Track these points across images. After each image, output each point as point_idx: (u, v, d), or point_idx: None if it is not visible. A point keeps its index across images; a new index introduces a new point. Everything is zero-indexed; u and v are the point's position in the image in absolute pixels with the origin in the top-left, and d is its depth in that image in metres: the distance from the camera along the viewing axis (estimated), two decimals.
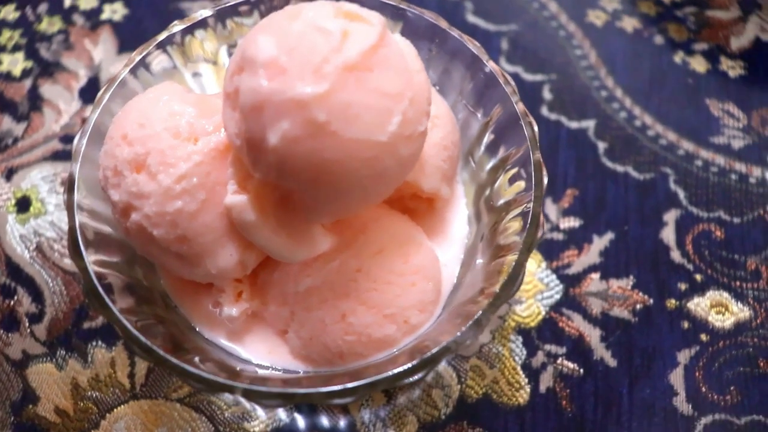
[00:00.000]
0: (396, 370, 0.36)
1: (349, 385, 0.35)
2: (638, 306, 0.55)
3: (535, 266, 0.56)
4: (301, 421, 0.51)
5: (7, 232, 0.56)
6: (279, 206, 0.38)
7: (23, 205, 0.57)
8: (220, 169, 0.39)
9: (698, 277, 0.56)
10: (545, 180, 0.42)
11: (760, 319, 0.54)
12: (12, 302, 0.53)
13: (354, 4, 0.36)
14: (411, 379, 0.36)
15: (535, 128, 0.43)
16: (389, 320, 0.42)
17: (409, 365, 0.36)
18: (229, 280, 0.43)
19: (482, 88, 0.47)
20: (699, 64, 0.67)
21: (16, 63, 0.65)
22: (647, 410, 0.51)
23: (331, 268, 0.41)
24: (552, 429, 0.50)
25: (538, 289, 0.55)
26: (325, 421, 0.51)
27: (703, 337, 0.54)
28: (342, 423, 0.51)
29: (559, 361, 0.52)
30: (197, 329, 0.45)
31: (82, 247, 0.40)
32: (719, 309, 0.55)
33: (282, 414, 0.52)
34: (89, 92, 0.63)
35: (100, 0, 0.68)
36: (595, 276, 0.56)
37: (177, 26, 0.47)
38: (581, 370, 0.52)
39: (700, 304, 0.55)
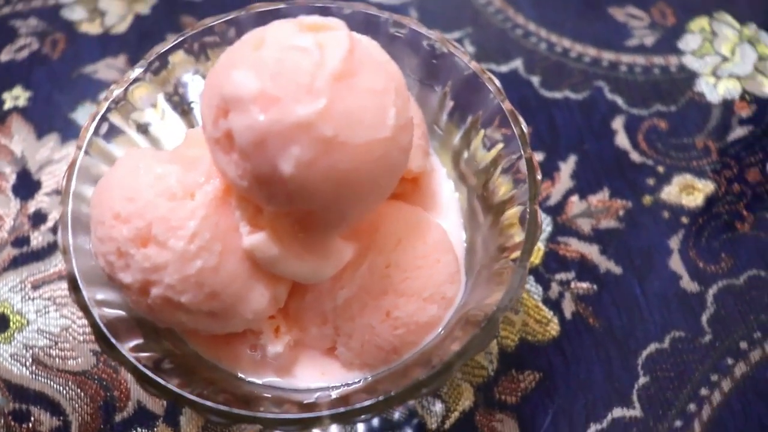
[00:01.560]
0: (467, 342, 0.37)
1: (433, 371, 0.36)
2: (620, 212, 0.58)
3: None
4: (361, 427, 0.52)
5: None
6: (297, 231, 0.38)
7: (1, 324, 0.54)
8: (226, 215, 0.38)
9: (660, 168, 0.60)
10: (524, 126, 0.44)
11: (723, 187, 0.60)
12: (30, 425, 0.50)
13: (312, 16, 0.36)
14: (483, 346, 0.37)
15: (497, 82, 0.45)
16: (429, 302, 0.43)
17: (478, 332, 0.37)
18: (264, 319, 0.43)
19: (429, 59, 0.49)
20: None
21: None
22: (663, 300, 0.55)
23: (362, 273, 0.42)
24: (589, 347, 0.53)
25: None
26: (377, 420, 0.52)
27: (684, 219, 0.58)
28: (397, 414, 0.52)
29: (572, 285, 0.55)
30: (244, 378, 0.44)
31: (114, 341, 0.38)
32: (688, 191, 0.60)
33: (333, 429, 0.52)
34: (24, 188, 0.59)
35: None
36: (575, 198, 0.59)
37: (115, 90, 0.45)
38: (594, 287, 0.55)
39: (670, 192, 0.59)
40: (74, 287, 0.39)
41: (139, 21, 0.68)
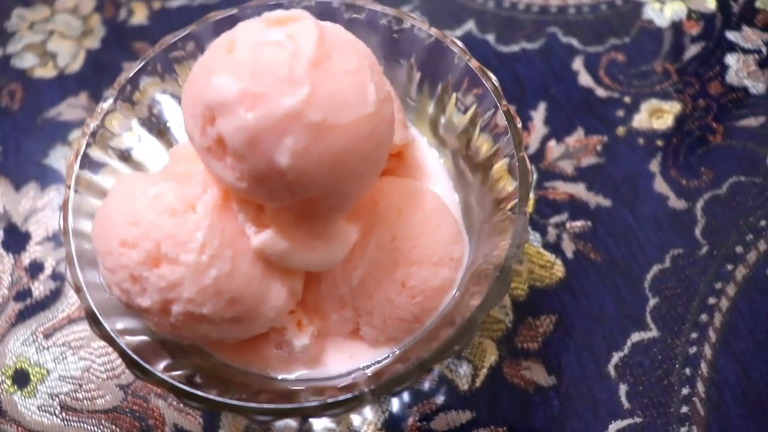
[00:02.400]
0: (485, 295, 0.38)
1: (460, 328, 0.37)
2: (598, 147, 0.60)
3: None
4: (395, 403, 0.53)
5: (23, 413, 0.52)
6: (301, 221, 0.39)
7: (22, 379, 0.53)
8: (230, 220, 0.39)
9: (627, 99, 0.62)
10: (494, 79, 0.45)
11: (689, 105, 0.62)
12: None
13: (275, 11, 0.37)
14: (501, 296, 0.38)
15: (459, 43, 0.46)
16: (440, 265, 0.44)
17: (494, 283, 0.38)
18: (285, 315, 0.43)
19: (389, 35, 0.49)
20: None
21: None
22: (655, 222, 0.57)
23: (371, 251, 0.42)
24: (596, 281, 0.55)
25: None
26: (408, 395, 0.53)
27: (659, 142, 0.60)
28: (427, 384, 0.53)
29: (568, 226, 0.57)
30: (276, 377, 0.45)
31: (147, 366, 0.39)
32: (657, 114, 0.62)
33: (368, 412, 0.53)
34: (14, 242, 0.59)
35: None
36: (552, 143, 0.61)
37: (92, 123, 0.45)
38: (589, 223, 0.57)
39: (641, 120, 0.61)
40: (95, 322, 0.40)
41: (92, 56, 0.68)
